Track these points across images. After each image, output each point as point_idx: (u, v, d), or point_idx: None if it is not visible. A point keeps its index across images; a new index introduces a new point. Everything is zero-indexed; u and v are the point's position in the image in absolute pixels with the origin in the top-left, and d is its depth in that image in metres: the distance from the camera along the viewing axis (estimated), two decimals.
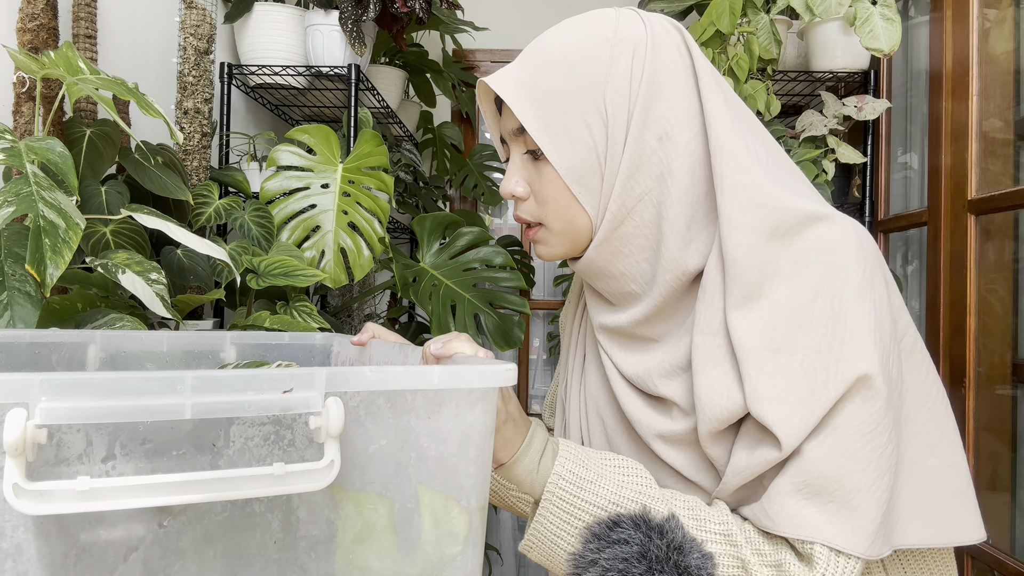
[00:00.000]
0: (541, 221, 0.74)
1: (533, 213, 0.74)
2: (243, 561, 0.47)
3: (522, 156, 0.73)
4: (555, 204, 0.72)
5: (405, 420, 0.53)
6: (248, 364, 0.80)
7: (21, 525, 0.40)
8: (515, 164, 0.74)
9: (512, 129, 0.72)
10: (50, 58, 0.99)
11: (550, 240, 0.75)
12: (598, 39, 0.69)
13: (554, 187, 0.71)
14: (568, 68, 0.68)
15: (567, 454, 0.68)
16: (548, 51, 0.70)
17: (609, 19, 0.70)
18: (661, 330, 0.74)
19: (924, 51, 1.92)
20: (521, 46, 3.05)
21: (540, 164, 0.71)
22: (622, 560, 0.61)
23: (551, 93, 0.68)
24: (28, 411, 0.38)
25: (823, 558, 0.61)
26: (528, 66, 0.70)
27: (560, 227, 0.73)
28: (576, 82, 0.68)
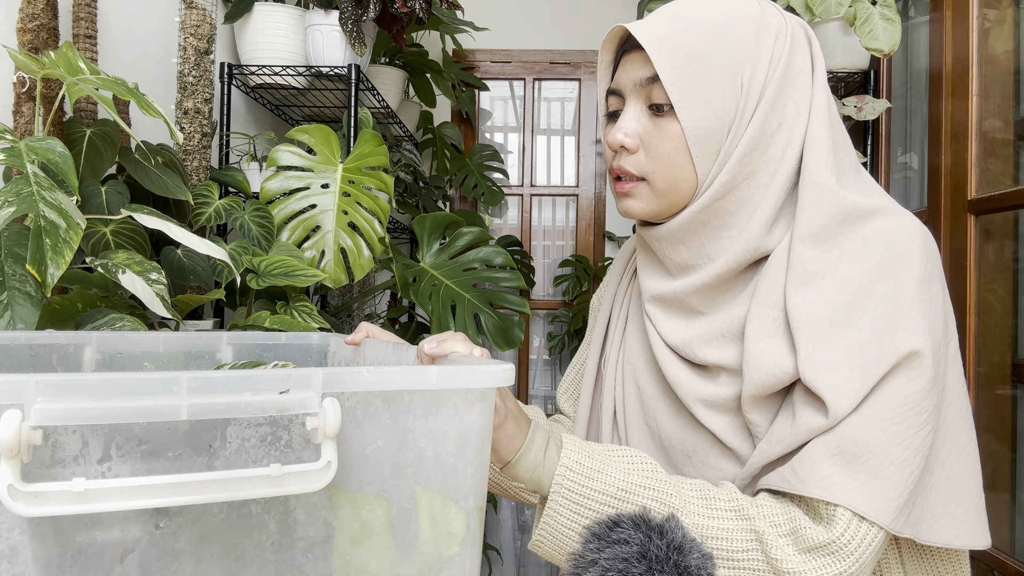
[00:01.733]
0: (645, 176, 0.74)
1: (639, 167, 0.74)
2: (240, 563, 0.47)
3: (640, 109, 0.74)
4: (668, 162, 0.72)
5: (403, 420, 0.53)
6: (245, 364, 0.80)
7: (17, 527, 0.40)
8: (630, 115, 0.74)
9: (640, 79, 0.72)
10: (50, 58, 1.00)
11: (648, 197, 0.74)
12: (745, 16, 0.72)
13: (673, 145, 0.71)
14: (714, 35, 0.70)
15: (571, 446, 0.68)
16: (692, 14, 0.71)
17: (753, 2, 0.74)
18: (712, 301, 0.76)
19: (924, 51, 1.92)
20: (521, 46, 3.05)
21: (662, 120, 0.72)
22: (622, 560, 0.61)
23: (693, 53, 0.70)
24: (23, 412, 0.38)
25: (844, 521, 0.63)
26: (669, 23, 0.71)
27: (664, 186, 0.73)
28: (720, 50, 0.70)
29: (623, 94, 0.75)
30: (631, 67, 0.74)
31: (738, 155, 0.71)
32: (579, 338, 2.90)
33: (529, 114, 3.13)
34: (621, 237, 3.02)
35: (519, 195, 3.15)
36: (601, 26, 3.04)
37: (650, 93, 0.72)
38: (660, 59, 0.70)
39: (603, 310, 0.95)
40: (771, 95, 0.71)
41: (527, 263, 2.95)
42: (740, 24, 0.71)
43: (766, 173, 0.72)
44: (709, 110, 0.70)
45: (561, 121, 3.21)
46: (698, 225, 0.74)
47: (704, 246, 0.75)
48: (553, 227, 3.22)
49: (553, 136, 3.21)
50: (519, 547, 3.12)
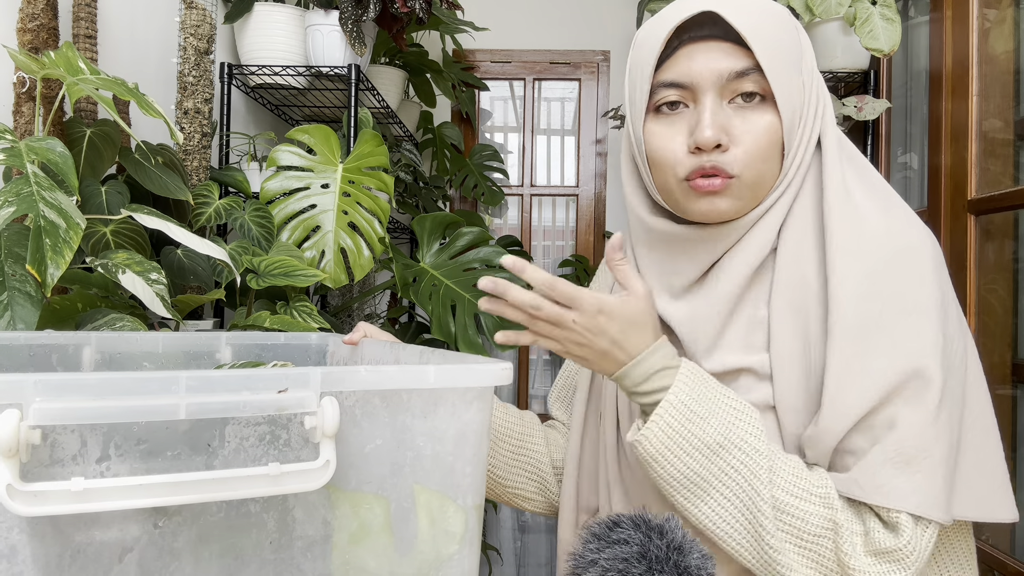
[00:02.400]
0: (737, 173, 0.70)
1: (735, 164, 0.70)
2: (239, 561, 0.47)
3: (718, 102, 0.70)
4: (762, 155, 0.70)
5: (401, 419, 0.53)
6: (244, 364, 0.80)
7: (16, 526, 0.40)
8: (713, 109, 0.69)
9: (728, 71, 0.69)
10: (50, 58, 1.00)
11: (740, 193, 0.71)
12: (786, 13, 0.72)
13: (768, 138, 0.70)
14: (785, 29, 0.71)
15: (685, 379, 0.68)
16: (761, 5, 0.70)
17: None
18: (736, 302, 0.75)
19: (924, 51, 1.92)
20: (521, 46, 3.05)
21: (753, 112, 0.70)
22: (622, 560, 0.61)
23: (779, 45, 0.69)
24: (22, 412, 0.38)
25: (908, 526, 0.65)
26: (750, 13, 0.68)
27: (753, 180, 0.71)
28: (791, 43, 0.71)
29: (694, 87, 0.70)
30: (708, 59, 0.69)
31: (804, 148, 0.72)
32: None
33: (529, 114, 3.13)
34: None
35: (519, 195, 3.15)
36: (601, 26, 3.04)
37: (737, 86, 0.69)
38: (760, 50, 0.67)
39: None
40: (815, 89, 0.73)
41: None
42: (791, 21, 0.72)
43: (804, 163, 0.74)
44: (793, 103, 0.70)
45: (561, 121, 3.21)
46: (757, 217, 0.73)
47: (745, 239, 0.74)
48: (553, 227, 3.22)
49: (553, 136, 3.21)
50: (519, 547, 3.12)
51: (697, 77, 0.69)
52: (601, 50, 3.04)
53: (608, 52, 3.04)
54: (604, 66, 3.05)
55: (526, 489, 0.93)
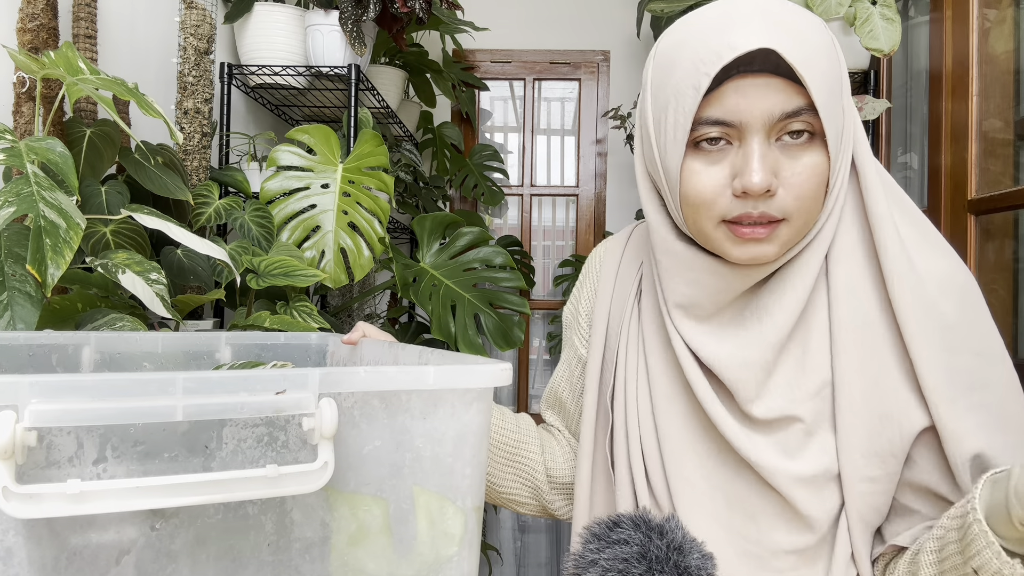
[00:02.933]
0: (788, 217, 0.65)
1: (784, 209, 0.64)
2: (237, 564, 0.47)
3: (765, 143, 0.63)
4: (813, 198, 0.65)
5: (400, 421, 0.53)
6: (243, 365, 0.80)
7: (11, 528, 0.39)
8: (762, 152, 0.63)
9: (780, 112, 0.62)
10: (50, 58, 1.00)
11: (787, 238, 0.66)
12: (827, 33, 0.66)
13: (816, 180, 0.64)
14: (827, 56, 0.64)
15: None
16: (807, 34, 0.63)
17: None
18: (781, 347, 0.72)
19: (924, 51, 1.92)
20: (521, 46, 3.04)
21: (802, 151, 0.64)
22: (622, 560, 0.61)
23: (828, 79, 0.63)
24: (17, 413, 0.37)
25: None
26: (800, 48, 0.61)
27: (802, 224, 0.66)
28: (833, 70, 0.64)
29: (741, 126, 0.63)
30: (758, 96, 0.62)
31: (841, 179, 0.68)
32: None
33: (529, 114, 3.12)
34: None
35: (519, 195, 3.15)
36: (601, 26, 3.04)
37: (786, 124, 0.63)
38: (815, 88, 0.61)
39: (596, 333, 0.84)
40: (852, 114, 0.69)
41: (527, 263, 2.95)
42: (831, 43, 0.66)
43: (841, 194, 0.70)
44: (838, 131, 0.66)
45: (561, 121, 3.21)
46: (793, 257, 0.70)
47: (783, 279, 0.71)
48: (553, 227, 3.22)
49: (553, 136, 3.21)
50: (519, 547, 3.12)
51: (747, 116, 0.63)
52: (601, 50, 3.04)
53: (608, 52, 3.04)
54: (604, 66, 3.05)
55: (520, 494, 0.93)
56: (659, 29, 2.51)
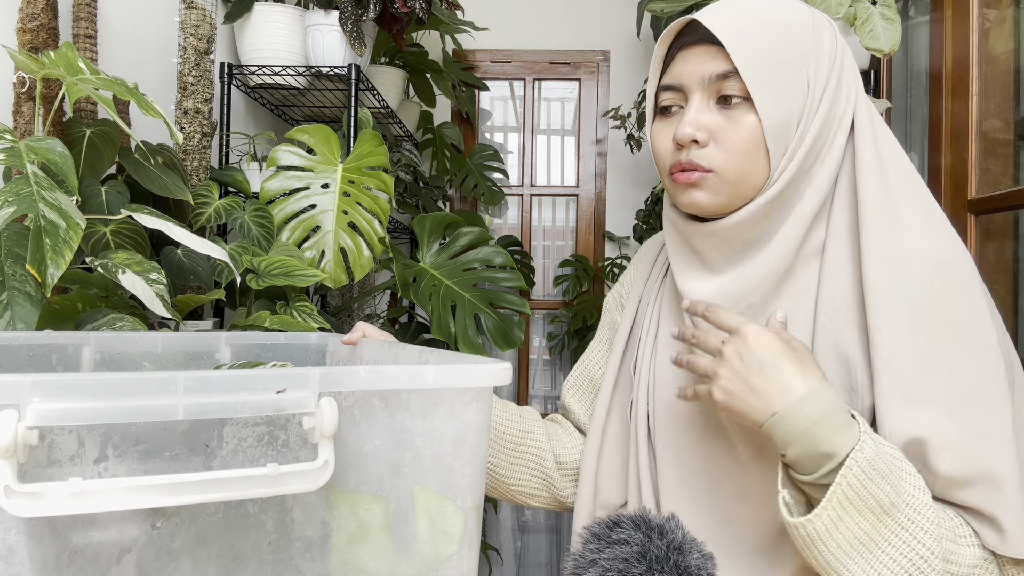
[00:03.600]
0: (714, 168, 0.73)
1: (710, 160, 0.73)
2: (237, 562, 0.47)
3: (705, 102, 0.74)
4: (742, 153, 0.72)
5: (400, 420, 0.53)
6: (243, 364, 0.80)
7: (13, 527, 0.40)
8: (696, 108, 0.73)
9: (710, 74, 0.72)
10: (50, 58, 1.00)
11: (718, 188, 0.74)
12: (802, 16, 0.74)
13: (748, 137, 0.72)
14: (782, 31, 0.72)
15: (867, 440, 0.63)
16: (755, 11, 0.73)
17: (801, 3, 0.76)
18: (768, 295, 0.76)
19: (924, 51, 1.92)
20: (521, 46, 3.05)
21: (735, 112, 0.72)
22: (622, 560, 0.61)
23: (766, 49, 0.71)
24: (19, 412, 0.38)
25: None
26: (735, 19, 0.72)
27: (734, 177, 0.73)
28: (789, 46, 0.72)
29: (684, 89, 0.75)
30: (696, 61, 0.74)
31: (805, 147, 0.73)
32: (579, 338, 2.89)
33: (529, 114, 3.13)
34: (621, 237, 3.02)
35: (519, 195, 3.15)
36: (601, 26, 3.04)
37: (720, 87, 0.72)
38: (737, 53, 0.70)
39: (628, 310, 0.93)
40: (832, 91, 0.74)
41: (527, 263, 2.95)
42: (801, 23, 0.73)
43: (818, 163, 0.74)
44: (782, 104, 0.72)
45: (561, 121, 3.21)
46: (760, 217, 0.74)
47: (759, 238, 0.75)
48: (553, 227, 3.22)
49: (553, 136, 3.21)
50: (519, 547, 3.12)
51: (685, 79, 0.75)
52: (601, 50, 3.04)
53: (608, 52, 3.04)
54: (604, 66, 3.05)
55: (529, 485, 0.93)
56: (659, 29, 2.51)
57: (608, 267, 2.91)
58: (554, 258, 3.20)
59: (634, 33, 2.97)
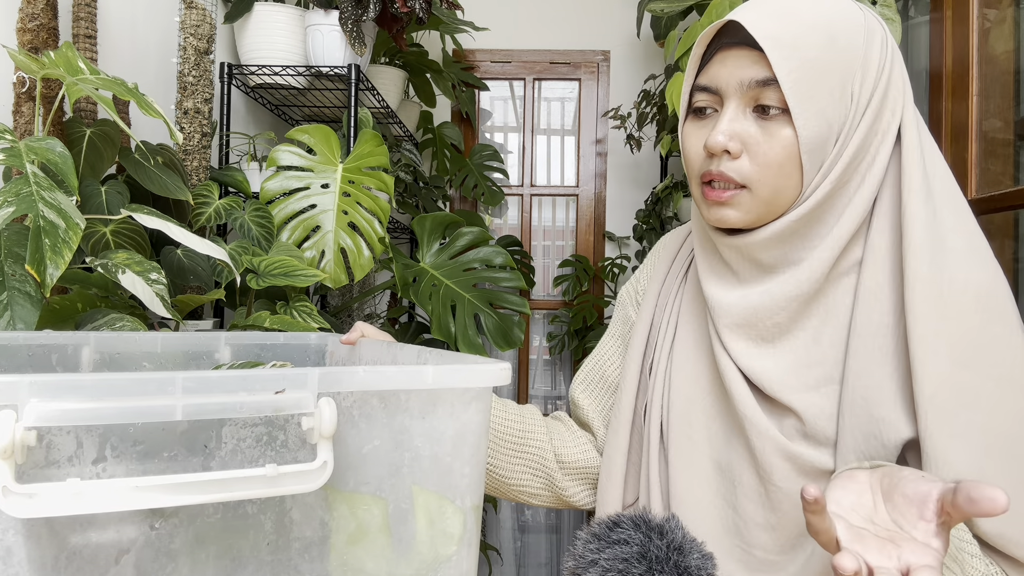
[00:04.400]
0: (747, 184, 0.69)
1: (743, 173, 0.69)
2: (236, 563, 0.47)
3: (741, 110, 0.69)
4: (776, 169, 0.68)
5: (399, 420, 0.53)
6: (243, 364, 0.80)
7: (11, 528, 0.40)
8: (731, 116, 0.69)
9: (749, 79, 0.68)
10: (50, 58, 1.00)
11: (750, 206, 0.70)
12: (853, 20, 0.68)
13: (784, 152, 0.67)
14: (828, 39, 0.67)
15: None
16: (802, 14, 0.67)
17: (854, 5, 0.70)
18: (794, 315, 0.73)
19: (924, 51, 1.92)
20: (521, 46, 3.05)
21: (772, 124, 0.68)
22: (622, 560, 0.61)
23: (809, 58, 0.66)
24: (17, 413, 0.38)
25: None
26: (779, 22, 0.67)
27: (768, 194, 0.69)
28: (834, 55, 0.67)
29: (720, 92, 0.70)
30: (735, 65, 0.68)
31: (842, 164, 0.69)
32: (579, 338, 2.89)
33: (529, 114, 3.13)
34: (621, 237, 3.02)
35: (519, 195, 3.15)
36: (601, 26, 3.04)
37: (758, 95, 0.68)
38: (778, 61, 0.65)
39: (645, 308, 0.90)
40: (876, 104, 0.69)
41: (527, 263, 2.95)
42: (851, 28, 0.68)
43: (857, 179, 0.70)
44: (822, 118, 0.67)
45: (561, 121, 3.21)
46: (790, 233, 0.71)
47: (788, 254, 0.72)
48: (553, 227, 3.22)
49: (553, 136, 3.21)
50: (519, 547, 3.12)
51: (722, 83, 0.70)
52: (601, 50, 3.04)
53: (608, 52, 3.04)
54: (604, 66, 3.05)
55: (531, 485, 0.92)
56: (659, 29, 2.51)
57: (608, 267, 2.91)
58: (554, 258, 3.20)
59: (634, 33, 2.97)
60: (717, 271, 0.77)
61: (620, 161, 3.06)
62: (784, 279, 0.71)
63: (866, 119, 0.69)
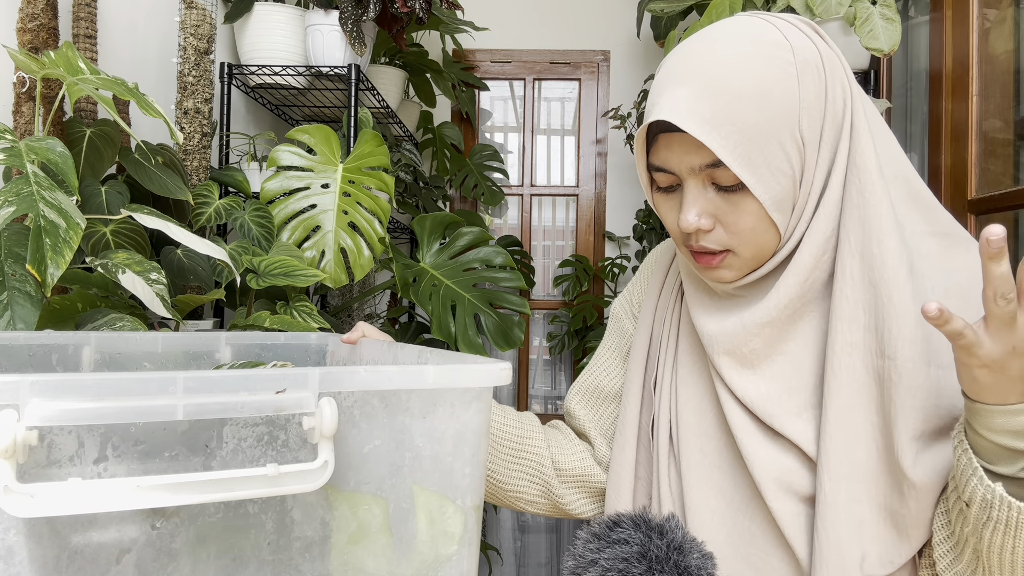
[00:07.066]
0: (730, 249, 0.72)
1: (722, 242, 0.71)
2: (237, 562, 0.47)
3: (702, 187, 0.70)
4: (752, 235, 0.70)
5: (400, 420, 0.53)
6: (243, 364, 0.80)
7: (12, 527, 0.40)
8: (693, 196, 0.70)
9: (698, 165, 0.68)
10: (50, 58, 1.00)
11: (738, 266, 0.73)
12: (782, 63, 0.67)
13: (752, 217, 0.69)
14: (761, 99, 0.66)
15: None
16: (729, 80, 0.66)
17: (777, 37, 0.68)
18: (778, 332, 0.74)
19: (924, 51, 1.92)
20: (521, 46, 3.05)
21: (734, 196, 0.69)
22: (622, 560, 0.61)
23: (747, 128, 0.66)
24: (18, 413, 0.38)
25: None
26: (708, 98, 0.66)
27: (751, 253, 0.72)
28: (771, 113, 0.66)
29: (676, 173, 0.71)
30: (680, 151, 0.69)
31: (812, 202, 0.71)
32: (579, 338, 2.89)
33: (529, 114, 3.13)
34: (621, 237, 3.02)
35: (519, 195, 3.15)
36: (601, 26, 3.04)
37: (712, 175, 0.69)
38: (718, 146, 0.65)
39: (643, 323, 0.90)
40: (829, 135, 0.70)
41: (527, 263, 2.95)
42: (782, 76, 0.66)
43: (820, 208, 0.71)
44: (780, 175, 0.68)
45: (561, 121, 3.21)
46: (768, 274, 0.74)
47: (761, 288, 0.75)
48: (553, 227, 3.22)
49: (553, 136, 3.21)
50: (519, 547, 3.12)
51: (675, 167, 0.71)
52: (601, 50, 3.04)
53: (608, 52, 3.04)
54: (604, 66, 3.05)
55: (528, 492, 0.92)
56: (659, 29, 2.51)
57: (608, 267, 2.91)
58: (554, 258, 3.20)
59: (634, 33, 2.97)
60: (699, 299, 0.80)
61: (620, 161, 3.06)
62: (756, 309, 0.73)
63: (823, 153, 0.69)
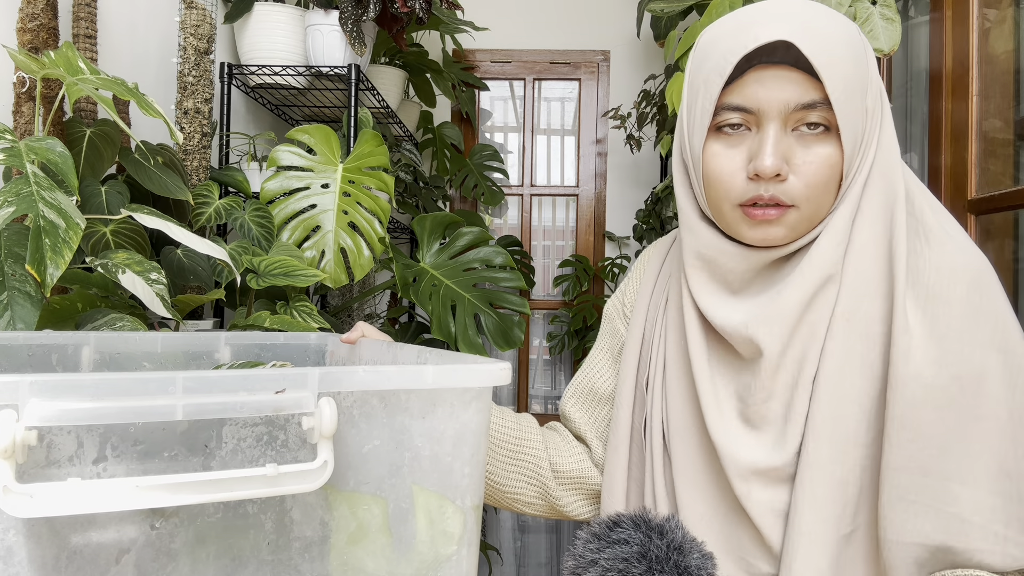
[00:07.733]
0: (796, 204, 0.69)
1: (791, 195, 0.68)
2: (236, 562, 0.47)
3: (782, 131, 0.68)
4: (824, 188, 0.68)
5: (399, 420, 0.53)
6: (243, 364, 0.80)
7: (12, 527, 0.40)
8: (777, 138, 0.67)
9: (795, 103, 0.67)
10: (50, 58, 1.00)
11: (796, 223, 0.70)
12: (857, 37, 0.69)
13: (829, 170, 0.68)
14: (853, 57, 0.67)
15: None
16: (831, 33, 0.67)
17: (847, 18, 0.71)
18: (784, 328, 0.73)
19: (924, 51, 1.92)
20: (521, 46, 3.04)
21: (814, 142, 0.68)
22: (622, 560, 0.61)
23: (846, 76, 0.66)
24: (18, 413, 0.38)
25: None
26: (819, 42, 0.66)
27: (811, 211, 0.69)
28: (859, 72, 0.68)
29: (758, 113, 0.68)
30: (776, 86, 0.67)
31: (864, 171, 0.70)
32: (579, 338, 2.89)
33: (529, 114, 3.13)
34: (621, 237, 3.02)
35: (519, 195, 3.15)
36: (601, 26, 3.04)
37: (803, 116, 0.67)
38: (833, 86, 0.65)
39: (635, 324, 0.89)
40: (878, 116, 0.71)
41: (527, 263, 2.95)
42: (862, 45, 0.69)
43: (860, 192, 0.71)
44: (856, 134, 0.68)
45: (561, 121, 3.21)
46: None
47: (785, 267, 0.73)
48: (553, 227, 3.22)
49: (553, 136, 3.21)
50: (519, 547, 3.12)
51: (764, 104, 0.67)
52: (601, 50, 3.04)
53: (608, 52, 3.04)
54: (604, 66, 3.05)
55: (525, 493, 0.92)
56: (659, 29, 2.51)
57: (608, 267, 2.91)
58: (554, 258, 3.20)
59: (634, 33, 2.97)
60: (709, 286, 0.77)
61: (620, 161, 3.06)
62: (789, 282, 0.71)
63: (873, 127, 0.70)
